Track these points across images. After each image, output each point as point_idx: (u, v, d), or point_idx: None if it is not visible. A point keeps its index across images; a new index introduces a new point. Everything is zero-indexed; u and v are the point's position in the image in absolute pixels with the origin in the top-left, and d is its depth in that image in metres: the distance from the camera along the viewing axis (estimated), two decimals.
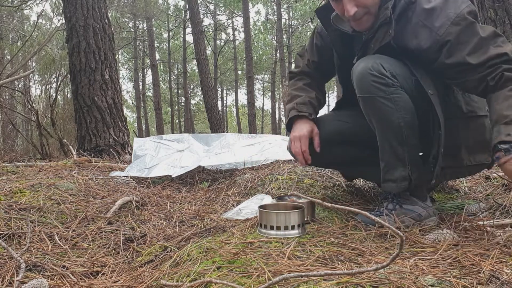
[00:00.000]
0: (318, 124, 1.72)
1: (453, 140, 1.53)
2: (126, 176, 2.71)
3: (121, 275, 1.29)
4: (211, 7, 22.38)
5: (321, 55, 1.79)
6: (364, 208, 1.78)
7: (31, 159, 4.26)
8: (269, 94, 25.09)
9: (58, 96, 6.30)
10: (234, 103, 26.81)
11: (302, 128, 1.66)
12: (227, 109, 31.55)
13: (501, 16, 3.05)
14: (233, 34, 23.73)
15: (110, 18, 4.62)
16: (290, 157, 2.85)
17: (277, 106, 20.78)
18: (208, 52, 15.54)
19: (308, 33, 24.18)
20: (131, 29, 19.75)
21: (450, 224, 1.50)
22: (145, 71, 23.74)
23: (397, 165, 1.48)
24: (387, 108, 1.43)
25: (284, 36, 20.41)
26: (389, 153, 1.48)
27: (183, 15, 20.63)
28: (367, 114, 1.50)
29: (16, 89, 7.38)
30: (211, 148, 3.18)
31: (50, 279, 1.23)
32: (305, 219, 1.44)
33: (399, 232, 0.88)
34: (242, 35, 20.07)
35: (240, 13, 18.24)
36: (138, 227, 1.79)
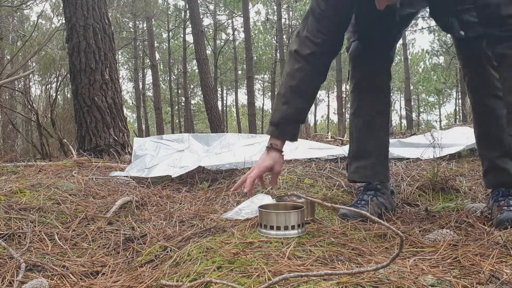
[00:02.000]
0: None
1: None
2: (126, 176, 2.71)
3: (121, 275, 1.29)
4: (211, 7, 22.37)
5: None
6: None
7: (31, 159, 4.25)
8: (269, 94, 25.09)
9: (58, 96, 6.30)
10: (234, 103, 26.82)
11: (265, 161, 1.54)
12: (227, 109, 31.54)
13: None
14: (233, 34, 23.71)
15: (110, 18, 4.61)
16: (290, 157, 2.86)
17: None
18: (208, 52, 15.53)
19: None
20: (131, 29, 19.75)
21: (450, 224, 1.50)
22: (145, 71, 23.73)
23: None
24: None
25: (284, 36, 20.38)
26: None
27: (183, 15, 20.62)
28: None
29: (16, 89, 7.38)
30: (211, 148, 3.18)
31: (50, 279, 1.23)
32: (305, 219, 1.44)
33: (399, 232, 0.88)
34: (242, 35, 20.06)
35: (240, 13, 18.23)
36: (138, 227, 1.79)
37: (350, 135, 1.88)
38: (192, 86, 25.62)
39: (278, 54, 19.45)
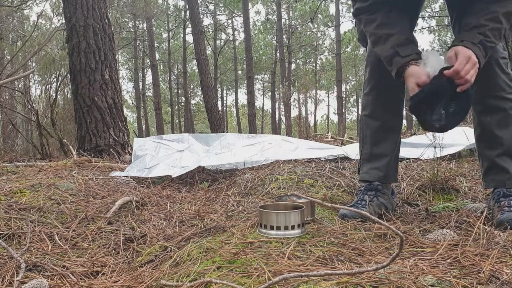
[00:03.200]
0: None
1: None
2: (126, 176, 2.71)
3: (121, 275, 1.29)
4: (211, 7, 22.40)
5: None
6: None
7: (31, 159, 4.25)
8: (269, 94, 25.08)
9: (58, 96, 6.30)
10: (234, 103, 26.84)
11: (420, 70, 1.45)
12: (227, 109, 31.55)
13: None
14: (233, 34, 23.72)
15: (110, 18, 4.61)
16: (290, 157, 2.85)
17: (277, 106, 20.74)
18: (208, 52, 15.54)
19: (308, 33, 24.20)
20: (131, 29, 19.76)
21: (450, 224, 1.50)
22: (145, 71, 23.75)
23: None
24: None
25: (284, 36, 20.40)
26: None
27: (183, 15, 20.64)
28: None
29: (16, 89, 7.38)
30: (211, 148, 3.18)
31: (50, 279, 1.23)
32: (305, 219, 1.44)
33: (399, 232, 0.88)
34: (242, 35, 20.08)
35: (240, 13, 18.24)
36: (138, 227, 1.79)
37: (361, 136, 1.84)
38: (192, 86, 25.64)
39: (278, 54, 19.45)
